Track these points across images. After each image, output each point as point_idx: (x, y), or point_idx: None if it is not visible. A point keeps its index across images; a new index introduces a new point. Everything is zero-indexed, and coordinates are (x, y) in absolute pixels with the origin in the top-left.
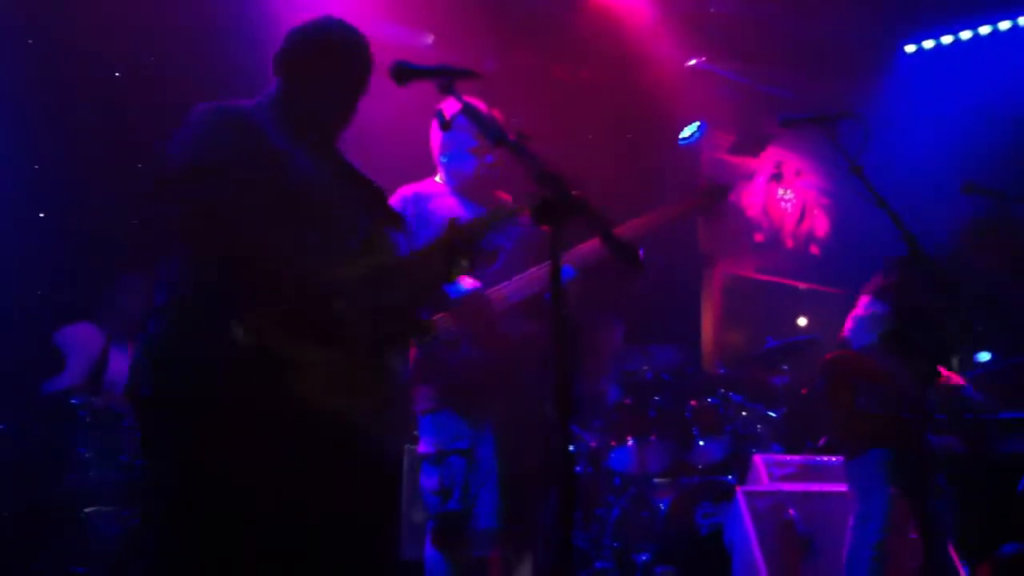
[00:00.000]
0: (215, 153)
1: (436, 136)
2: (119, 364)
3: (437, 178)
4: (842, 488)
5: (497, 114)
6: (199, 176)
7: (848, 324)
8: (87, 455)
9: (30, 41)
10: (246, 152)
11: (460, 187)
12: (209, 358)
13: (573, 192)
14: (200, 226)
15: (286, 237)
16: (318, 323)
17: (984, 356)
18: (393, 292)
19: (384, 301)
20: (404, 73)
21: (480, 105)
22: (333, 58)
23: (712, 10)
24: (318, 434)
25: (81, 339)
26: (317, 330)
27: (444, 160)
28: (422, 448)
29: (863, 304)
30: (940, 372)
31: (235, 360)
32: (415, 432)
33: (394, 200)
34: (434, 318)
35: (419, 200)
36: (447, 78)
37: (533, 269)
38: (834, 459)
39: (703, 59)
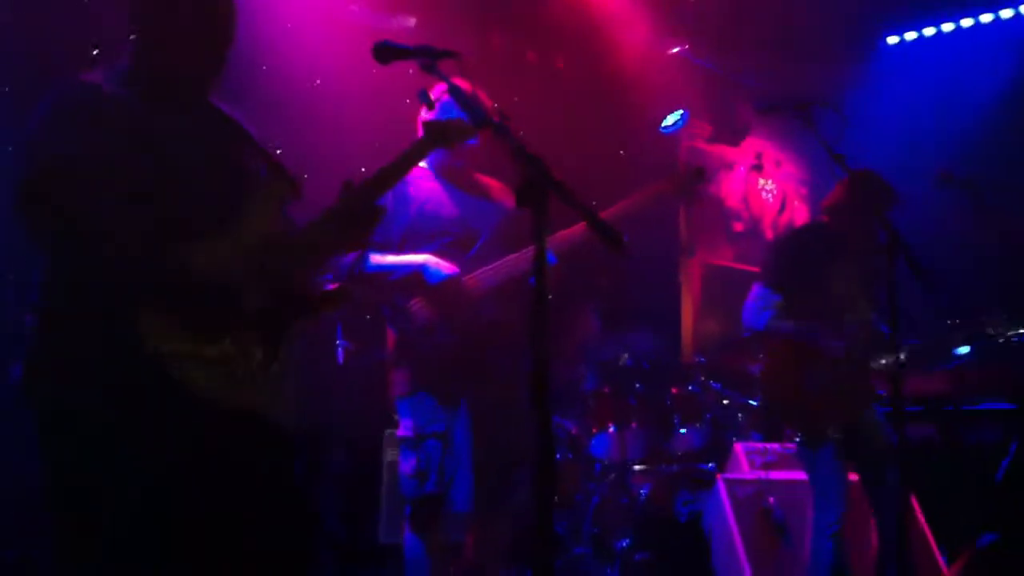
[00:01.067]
0: (67, 150)
1: (423, 118)
2: None
3: (422, 163)
4: None
5: (482, 94)
6: (49, 180)
7: (744, 316)
8: None
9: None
10: (102, 142)
11: (442, 170)
12: (81, 361)
13: (554, 175)
14: (54, 229)
15: (151, 225)
16: (197, 308)
17: (963, 350)
18: (278, 265)
19: (268, 276)
20: (386, 53)
21: (464, 85)
22: (188, 4)
23: None
24: (211, 425)
25: None
26: (197, 319)
27: None
28: (401, 432)
29: (752, 291)
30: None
31: (110, 362)
32: (394, 416)
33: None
34: (400, 301)
35: (398, 183)
36: (429, 58)
37: (510, 256)
38: None
39: (685, 47)
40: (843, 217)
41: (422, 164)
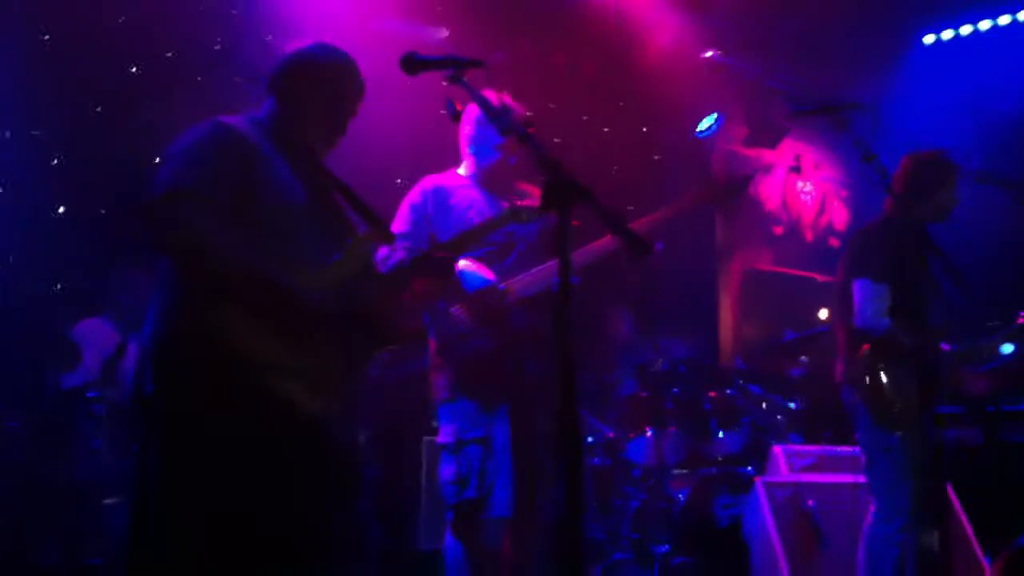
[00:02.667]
0: (205, 176)
1: (466, 128)
2: (133, 358)
3: (460, 170)
4: (860, 479)
5: (508, 99)
6: (182, 202)
7: (857, 312)
8: (102, 447)
9: (46, 37)
10: (235, 172)
11: (483, 179)
12: (196, 361)
13: (580, 179)
14: (180, 249)
15: (265, 251)
16: (290, 328)
17: (1008, 348)
18: (360, 301)
19: (352, 308)
20: (414, 64)
21: (491, 96)
22: (325, 85)
23: None
24: (300, 433)
25: (94, 333)
26: (289, 335)
27: (472, 151)
28: (441, 438)
29: (860, 288)
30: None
31: (218, 364)
32: (433, 423)
33: (415, 191)
34: (430, 319)
35: (439, 192)
36: (455, 68)
37: (548, 263)
38: (852, 449)
39: (718, 51)
40: (910, 204)
41: (461, 172)
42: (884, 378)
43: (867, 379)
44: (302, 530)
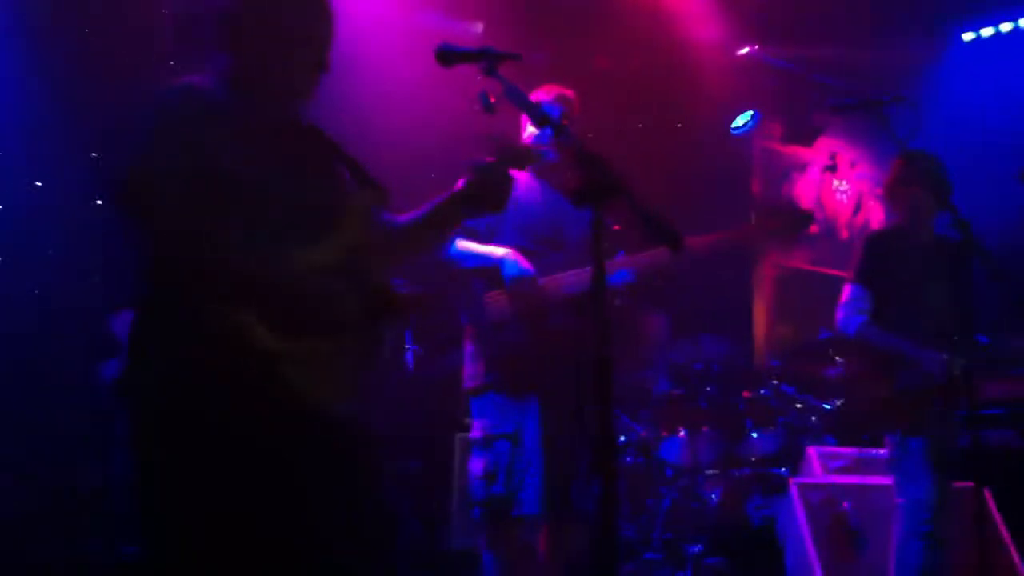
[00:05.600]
0: (171, 151)
1: (526, 125)
2: None
3: None
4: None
5: (570, 94)
6: (152, 179)
7: (837, 315)
8: None
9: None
10: (207, 143)
11: (542, 169)
12: (189, 355)
13: (614, 174)
14: (155, 228)
15: (250, 230)
16: (294, 311)
17: None
18: (370, 270)
19: (361, 280)
20: (448, 56)
21: (569, 93)
22: (288, 18)
23: None
24: (310, 423)
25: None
26: (294, 317)
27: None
28: (472, 434)
29: (845, 290)
30: (949, 336)
31: (216, 358)
32: (466, 420)
33: None
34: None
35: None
36: (490, 61)
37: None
38: (887, 452)
39: (755, 47)
40: (902, 208)
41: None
42: (877, 381)
43: (862, 382)
44: (305, 530)
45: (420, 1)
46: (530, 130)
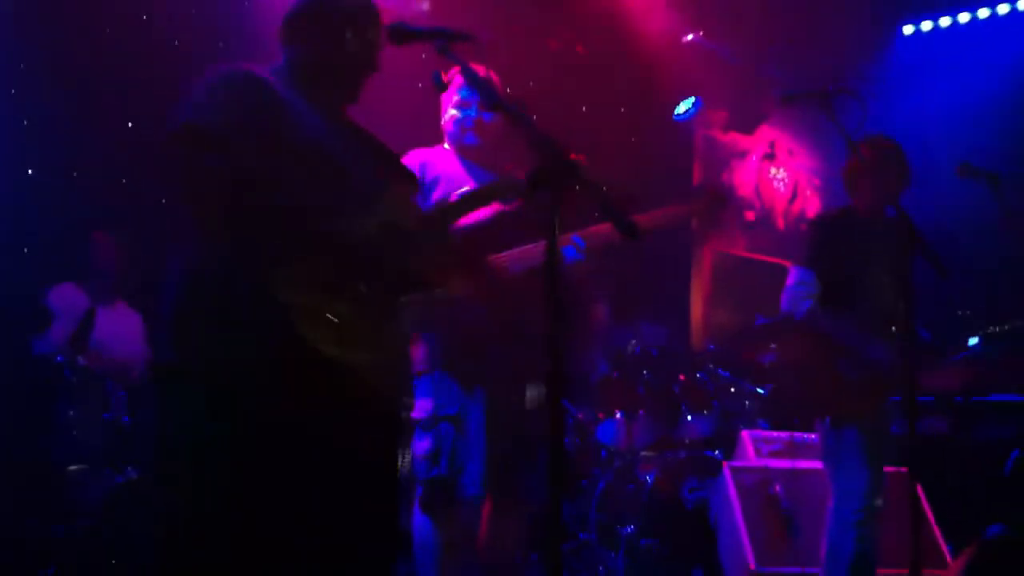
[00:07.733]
0: (223, 115)
1: (447, 107)
2: (104, 325)
3: (446, 144)
4: None
5: (495, 77)
6: (201, 138)
7: (783, 297)
8: (71, 414)
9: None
10: (258, 112)
11: (463, 152)
12: (230, 320)
13: (570, 158)
14: (202, 188)
15: (297, 196)
16: (336, 279)
17: (973, 340)
18: (406, 250)
19: (398, 257)
20: (401, 34)
21: (479, 69)
22: (344, 19)
23: None
24: (342, 389)
25: (66, 299)
26: (336, 286)
27: (443, 122)
28: (416, 413)
29: (791, 274)
30: (890, 325)
31: (258, 321)
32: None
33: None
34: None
35: (424, 166)
36: (444, 40)
37: (532, 245)
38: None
39: (699, 34)
40: (864, 192)
41: (446, 146)
42: (814, 368)
43: (798, 368)
44: (316, 529)
45: None
46: (451, 112)
